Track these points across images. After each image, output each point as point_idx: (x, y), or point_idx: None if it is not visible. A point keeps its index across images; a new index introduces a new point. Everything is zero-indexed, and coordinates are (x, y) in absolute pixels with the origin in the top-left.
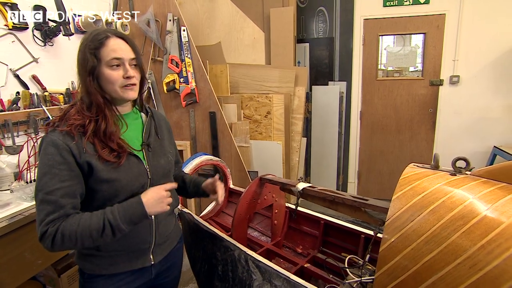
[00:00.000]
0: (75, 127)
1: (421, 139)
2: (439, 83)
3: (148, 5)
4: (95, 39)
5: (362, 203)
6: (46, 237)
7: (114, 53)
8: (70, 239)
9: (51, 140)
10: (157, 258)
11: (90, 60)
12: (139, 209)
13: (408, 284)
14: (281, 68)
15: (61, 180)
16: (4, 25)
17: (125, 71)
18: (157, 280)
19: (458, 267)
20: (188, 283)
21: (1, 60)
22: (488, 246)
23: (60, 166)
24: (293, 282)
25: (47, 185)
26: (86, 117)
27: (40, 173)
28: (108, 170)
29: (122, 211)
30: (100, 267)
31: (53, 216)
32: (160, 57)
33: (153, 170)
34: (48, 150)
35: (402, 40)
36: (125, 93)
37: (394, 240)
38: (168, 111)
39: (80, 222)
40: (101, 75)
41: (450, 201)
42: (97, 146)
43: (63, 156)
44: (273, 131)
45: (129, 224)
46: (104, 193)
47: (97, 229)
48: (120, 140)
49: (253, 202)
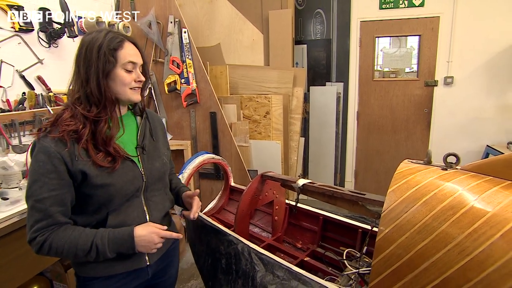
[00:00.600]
0: (67, 133)
1: (417, 138)
2: (434, 84)
3: (150, 7)
4: (113, 40)
5: (359, 197)
6: (34, 244)
7: (130, 57)
8: (56, 251)
9: (42, 147)
10: (153, 259)
11: (109, 59)
12: (129, 244)
13: (402, 271)
14: (280, 69)
15: (51, 189)
16: (10, 27)
17: (137, 75)
18: (154, 280)
19: (447, 253)
20: (189, 280)
21: (8, 62)
22: (475, 233)
23: (50, 175)
24: (295, 272)
25: (36, 192)
26: (80, 122)
27: (31, 179)
28: (103, 176)
29: (112, 240)
30: (95, 270)
31: (41, 224)
32: (161, 58)
33: (148, 173)
34: (39, 157)
35: (398, 41)
36: (133, 95)
37: (389, 230)
38: (169, 111)
39: (69, 238)
40: (115, 76)
41: (441, 193)
42: (91, 152)
43: (54, 164)
44: (272, 131)
45: (115, 253)
46: (99, 198)
47: (84, 249)
48: (116, 145)
49: (255, 198)
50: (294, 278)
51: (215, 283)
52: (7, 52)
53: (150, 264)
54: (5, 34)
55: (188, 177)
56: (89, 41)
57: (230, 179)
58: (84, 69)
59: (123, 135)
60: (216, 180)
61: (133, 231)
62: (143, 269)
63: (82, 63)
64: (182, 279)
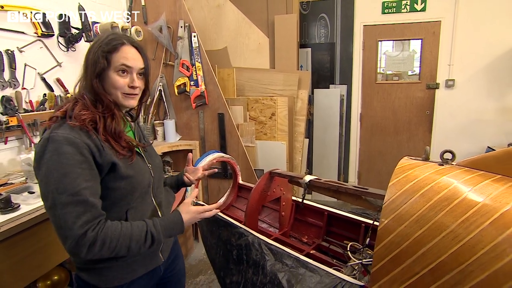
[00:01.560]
0: (88, 122)
1: (419, 140)
2: (436, 87)
3: (161, 12)
4: (110, 43)
5: (363, 191)
6: (84, 243)
7: (125, 60)
8: (109, 247)
9: (65, 138)
10: (165, 255)
11: (101, 61)
12: (180, 228)
13: (401, 257)
14: (285, 72)
15: (86, 179)
16: (34, 32)
17: (131, 80)
18: (165, 275)
19: (442, 240)
20: (197, 275)
21: (31, 65)
22: (467, 221)
23: (82, 165)
24: (302, 261)
25: (71, 185)
26: (95, 113)
27: (58, 173)
28: (126, 167)
29: (164, 226)
30: (119, 277)
31: (86, 217)
32: (172, 62)
33: (153, 169)
34: (64, 149)
35: (401, 45)
36: (126, 101)
37: (390, 220)
38: (178, 112)
39: (122, 230)
40: (107, 78)
41: (437, 186)
42: (113, 142)
43: (84, 154)
44: (277, 132)
45: (167, 238)
46: (122, 191)
47: (138, 239)
48: (127, 137)
49: (263, 194)
50: (302, 266)
51: (227, 272)
52: (30, 56)
53: (164, 260)
54: (29, 39)
55: None
56: (93, 42)
57: (239, 177)
58: (84, 69)
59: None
60: (224, 179)
61: (181, 215)
62: (158, 268)
63: (84, 63)
64: (190, 274)
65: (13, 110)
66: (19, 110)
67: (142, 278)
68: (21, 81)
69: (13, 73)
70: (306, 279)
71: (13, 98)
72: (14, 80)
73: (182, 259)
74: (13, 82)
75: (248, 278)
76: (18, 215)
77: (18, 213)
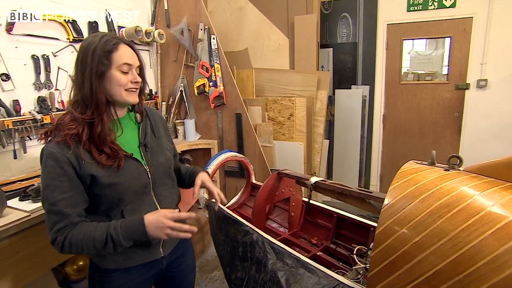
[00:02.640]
0: (69, 136)
1: (446, 142)
2: (465, 87)
3: (182, 16)
4: (108, 43)
5: (366, 194)
6: (56, 244)
7: (126, 59)
8: (77, 247)
9: (50, 153)
10: (166, 250)
11: (104, 62)
12: (141, 230)
13: (398, 262)
14: (304, 73)
15: (63, 191)
16: (66, 38)
17: (133, 76)
18: (170, 269)
19: (440, 247)
20: (213, 271)
21: (63, 68)
22: (468, 229)
23: (61, 178)
24: (302, 261)
25: (50, 196)
26: (80, 125)
27: (43, 184)
28: (109, 175)
29: (124, 229)
30: (116, 262)
31: (59, 225)
32: (192, 63)
33: (153, 170)
34: (48, 163)
35: (434, 43)
36: (129, 97)
37: (388, 224)
38: (198, 112)
39: (85, 233)
40: (111, 78)
41: (439, 191)
42: (94, 153)
43: (63, 168)
44: (295, 132)
45: (129, 241)
46: (108, 197)
47: (100, 241)
48: (113, 145)
49: (271, 194)
50: (302, 266)
51: (232, 269)
52: (63, 60)
53: (164, 255)
54: (61, 45)
55: (212, 172)
56: (86, 46)
57: (252, 176)
58: (80, 73)
59: (125, 134)
60: (241, 178)
61: (144, 218)
62: (158, 261)
63: (79, 67)
64: (205, 269)
65: (47, 109)
66: (52, 109)
67: (138, 268)
68: (55, 83)
69: (47, 75)
70: (304, 279)
71: (47, 98)
72: (49, 82)
73: (192, 256)
74: (48, 84)
75: (251, 275)
76: None
77: None
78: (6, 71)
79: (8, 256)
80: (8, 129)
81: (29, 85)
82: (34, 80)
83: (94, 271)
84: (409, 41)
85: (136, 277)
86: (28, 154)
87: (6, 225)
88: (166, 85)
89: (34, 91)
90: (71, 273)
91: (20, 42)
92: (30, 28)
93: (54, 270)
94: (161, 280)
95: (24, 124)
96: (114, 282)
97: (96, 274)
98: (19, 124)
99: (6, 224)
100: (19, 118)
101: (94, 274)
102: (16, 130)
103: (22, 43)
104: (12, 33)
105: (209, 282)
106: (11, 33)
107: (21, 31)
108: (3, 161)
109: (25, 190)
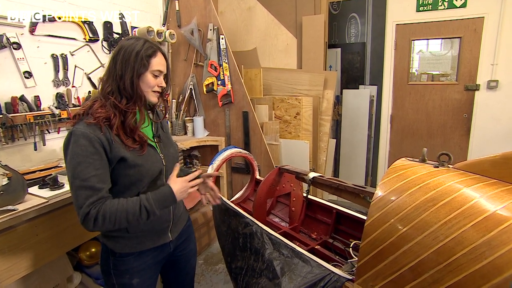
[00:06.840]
0: (101, 119)
1: (454, 144)
2: (475, 88)
3: (192, 16)
4: (150, 49)
5: (361, 190)
6: (89, 218)
7: (160, 66)
8: (110, 220)
9: (82, 133)
10: (174, 235)
11: (144, 64)
12: (171, 198)
13: (385, 253)
14: (311, 72)
15: (95, 168)
16: (83, 38)
17: (160, 82)
18: (176, 253)
19: (424, 239)
20: (217, 263)
21: (80, 66)
22: (450, 222)
23: (94, 156)
24: (297, 252)
25: (83, 172)
26: (110, 111)
27: (74, 162)
28: (135, 157)
29: (156, 200)
30: (129, 246)
31: (92, 199)
32: (201, 62)
33: (166, 158)
34: (81, 142)
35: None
36: (152, 97)
37: (376, 217)
38: (206, 110)
39: (118, 207)
40: (144, 79)
41: (426, 186)
42: (122, 137)
43: (95, 147)
44: (301, 131)
45: (161, 209)
46: (131, 177)
47: (133, 213)
48: (140, 132)
49: (272, 188)
50: (296, 256)
51: (233, 259)
52: (79, 59)
53: (172, 239)
54: (78, 45)
55: (217, 167)
56: (129, 45)
57: (256, 172)
58: (120, 67)
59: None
60: (247, 174)
61: (171, 187)
62: (167, 244)
63: (119, 61)
64: (211, 262)
65: (64, 105)
66: (69, 105)
67: (150, 251)
68: (72, 80)
69: (65, 73)
70: (298, 268)
71: (64, 94)
72: (66, 79)
73: (194, 242)
74: (65, 81)
75: (250, 264)
76: (62, 192)
77: (62, 190)
78: (29, 69)
79: (29, 238)
80: (30, 123)
81: (49, 82)
82: (53, 78)
83: (108, 255)
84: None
85: (148, 259)
86: (47, 146)
87: (27, 209)
88: (176, 83)
89: (53, 87)
90: (84, 259)
91: (42, 42)
92: (51, 29)
93: (69, 255)
94: (167, 264)
95: (43, 119)
96: (129, 265)
97: (111, 258)
98: (39, 118)
99: (27, 208)
100: (40, 112)
101: (108, 258)
102: (37, 124)
103: (43, 43)
104: (35, 33)
105: (214, 274)
106: (33, 33)
107: (43, 31)
108: (25, 152)
109: (44, 179)
